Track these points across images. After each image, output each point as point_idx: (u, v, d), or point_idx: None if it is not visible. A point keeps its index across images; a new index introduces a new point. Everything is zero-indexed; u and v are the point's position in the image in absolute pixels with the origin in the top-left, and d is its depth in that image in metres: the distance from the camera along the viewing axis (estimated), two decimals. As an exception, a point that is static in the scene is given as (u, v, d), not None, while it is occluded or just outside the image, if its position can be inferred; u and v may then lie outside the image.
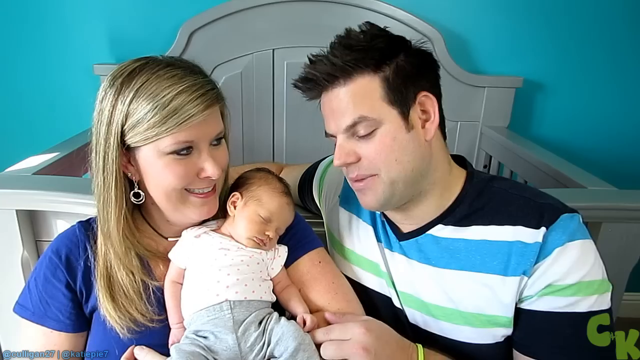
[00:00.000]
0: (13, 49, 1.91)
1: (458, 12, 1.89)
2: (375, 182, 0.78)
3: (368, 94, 0.75)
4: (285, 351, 0.70)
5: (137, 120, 0.69)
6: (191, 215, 0.78)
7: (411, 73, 0.77)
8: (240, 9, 1.84)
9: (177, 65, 0.72)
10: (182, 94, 0.69)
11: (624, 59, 1.93)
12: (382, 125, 0.76)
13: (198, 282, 0.76)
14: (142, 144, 0.71)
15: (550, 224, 0.75)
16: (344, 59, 0.74)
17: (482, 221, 0.80)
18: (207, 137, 0.73)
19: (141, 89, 0.69)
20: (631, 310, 1.85)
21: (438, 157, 0.82)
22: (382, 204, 0.81)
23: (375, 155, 0.76)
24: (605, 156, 2.03)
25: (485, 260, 0.79)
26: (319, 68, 0.77)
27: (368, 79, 0.75)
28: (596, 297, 0.74)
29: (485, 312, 0.79)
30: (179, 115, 0.68)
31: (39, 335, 0.78)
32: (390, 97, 0.75)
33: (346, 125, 0.76)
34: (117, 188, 0.73)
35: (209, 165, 0.73)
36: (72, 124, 1.80)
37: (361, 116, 0.75)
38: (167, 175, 0.73)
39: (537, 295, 0.76)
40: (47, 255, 0.80)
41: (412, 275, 0.85)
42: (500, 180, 0.85)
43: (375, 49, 0.75)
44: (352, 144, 0.78)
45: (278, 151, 2.03)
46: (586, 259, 0.74)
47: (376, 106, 0.75)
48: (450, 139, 1.97)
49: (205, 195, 0.76)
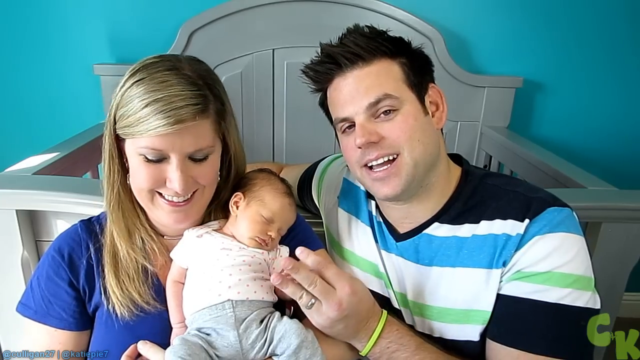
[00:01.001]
0: (13, 48, 1.91)
1: (458, 12, 1.90)
2: (399, 165, 0.78)
3: (391, 75, 0.79)
4: (287, 348, 0.70)
5: (121, 114, 0.72)
6: (162, 218, 0.78)
7: (422, 65, 0.83)
8: (240, 9, 1.84)
9: (177, 72, 0.71)
10: (158, 102, 0.68)
11: (624, 59, 1.93)
12: (403, 106, 0.78)
13: (200, 282, 0.76)
14: (126, 137, 0.73)
15: (535, 216, 0.75)
16: (366, 42, 0.78)
17: (475, 218, 0.80)
18: (180, 151, 0.71)
19: (135, 84, 0.71)
20: (631, 310, 1.85)
21: (442, 151, 0.84)
22: (403, 189, 0.79)
23: (400, 133, 0.77)
24: (605, 156, 2.03)
25: (473, 255, 0.79)
26: (340, 48, 0.79)
27: (387, 63, 0.79)
28: (570, 291, 0.72)
29: (474, 308, 0.79)
30: (148, 122, 0.68)
31: (42, 334, 0.79)
32: (411, 80, 0.79)
33: (369, 102, 0.77)
34: (109, 164, 0.76)
35: (174, 179, 0.72)
36: (72, 124, 1.82)
37: (386, 94, 0.77)
38: (137, 173, 0.74)
39: (505, 280, 0.76)
40: (50, 254, 0.80)
41: (407, 276, 0.85)
42: (495, 177, 0.86)
43: (388, 40, 0.80)
44: (373, 125, 0.78)
45: (278, 151, 2.03)
46: (566, 251, 0.73)
47: (398, 87, 0.78)
48: (450, 139, 1.98)
49: (174, 204, 0.76)
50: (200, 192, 0.77)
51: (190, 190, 0.75)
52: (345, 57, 0.78)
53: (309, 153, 1.34)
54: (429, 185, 0.82)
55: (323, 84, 0.84)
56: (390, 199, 0.82)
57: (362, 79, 0.78)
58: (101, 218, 0.85)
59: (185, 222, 0.79)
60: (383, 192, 0.80)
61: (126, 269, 0.78)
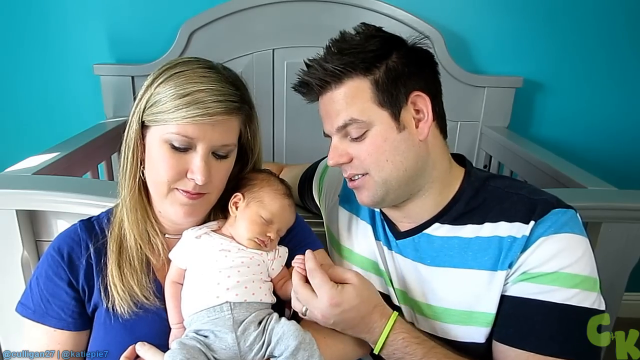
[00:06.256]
0: (13, 49, 1.91)
1: (458, 12, 1.90)
2: (368, 182, 0.80)
3: (358, 97, 0.77)
4: (285, 350, 0.70)
5: (155, 100, 0.74)
6: (171, 212, 0.79)
7: (402, 73, 0.78)
8: (240, 9, 1.84)
9: (217, 71, 0.76)
10: (202, 92, 0.72)
11: (624, 59, 1.93)
12: (372, 127, 0.77)
13: (198, 284, 0.76)
14: (152, 125, 0.75)
15: (540, 218, 0.75)
16: (334, 63, 0.77)
17: (477, 219, 0.80)
18: (208, 142, 0.74)
19: (174, 76, 0.74)
20: (631, 310, 1.85)
21: (436, 156, 0.82)
22: (377, 202, 0.82)
23: (366, 156, 0.78)
24: (605, 156, 2.03)
25: (477, 256, 0.79)
26: (311, 74, 0.80)
27: (358, 82, 0.77)
28: (577, 292, 0.72)
29: (476, 310, 0.79)
30: (188, 109, 0.71)
31: (40, 334, 0.78)
32: (380, 98, 0.77)
33: (337, 126, 0.79)
34: (132, 158, 0.77)
35: (197, 169, 0.73)
36: (72, 124, 1.82)
37: (351, 118, 0.77)
38: (159, 163, 0.74)
39: (512, 282, 0.76)
40: (49, 253, 0.80)
41: (407, 274, 0.85)
42: (498, 179, 0.86)
43: (366, 51, 0.77)
44: (346, 145, 0.80)
45: (278, 151, 2.03)
46: (571, 252, 0.74)
47: (366, 108, 0.77)
48: (450, 139, 1.97)
49: (190, 195, 0.76)
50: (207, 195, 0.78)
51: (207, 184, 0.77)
52: (317, 84, 0.79)
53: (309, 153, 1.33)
54: (422, 190, 0.82)
55: (312, 100, 0.85)
56: (370, 207, 0.84)
57: (333, 101, 0.79)
58: (101, 218, 0.85)
59: (192, 217, 0.80)
60: (360, 200, 0.84)
61: (130, 259, 0.79)
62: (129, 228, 0.79)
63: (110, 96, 1.90)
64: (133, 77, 1.88)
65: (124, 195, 0.79)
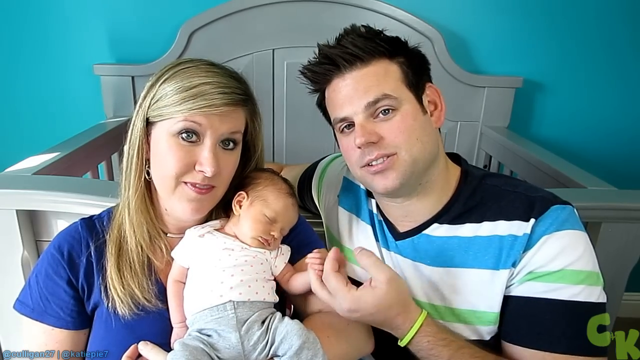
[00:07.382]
0: (13, 49, 1.91)
1: (458, 12, 1.90)
2: (396, 161, 0.79)
3: (389, 75, 0.79)
4: (289, 349, 0.70)
5: (161, 96, 0.74)
6: (178, 209, 0.78)
7: (420, 64, 0.83)
8: (240, 9, 1.84)
9: (220, 67, 0.77)
10: (207, 84, 0.73)
11: (624, 59, 1.94)
12: (402, 106, 0.78)
13: (201, 283, 0.76)
14: (157, 120, 0.75)
15: (540, 215, 0.76)
16: (364, 42, 0.78)
17: (476, 218, 0.81)
18: (216, 132, 0.74)
19: (179, 72, 0.75)
20: (631, 310, 1.85)
21: (441, 150, 0.85)
22: (402, 182, 0.79)
23: (398, 134, 0.78)
24: (605, 156, 2.03)
25: (477, 255, 0.79)
26: (338, 49, 0.79)
27: (385, 64, 0.80)
28: (583, 287, 0.73)
29: (479, 309, 0.79)
30: (195, 100, 0.72)
31: (39, 332, 0.78)
32: (409, 79, 0.80)
33: (368, 102, 0.78)
34: (137, 157, 0.77)
35: (205, 160, 0.73)
36: (72, 124, 1.81)
37: (385, 94, 0.77)
38: (167, 158, 0.74)
39: (518, 282, 0.76)
40: (49, 251, 0.80)
41: (407, 274, 0.86)
42: (494, 177, 0.86)
43: (386, 41, 0.80)
44: (372, 125, 0.79)
45: (278, 151, 2.03)
46: (574, 248, 0.74)
47: (397, 87, 0.79)
48: (450, 139, 1.99)
49: (198, 190, 0.76)
50: (214, 190, 0.78)
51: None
52: (344, 59, 0.78)
53: (309, 153, 1.33)
54: (428, 183, 0.83)
55: (321, 84, 0.84)
56: (390, 193, 0.82)
57: (360, 79, 0.78)
58: (102, 216, 0.85)
59: (199, 214, 0.79)
60: (382, 184, 0.80)
61: (130, 261, 0.78)
62: (131, 229, 0.78)
63: (110, 96, 1.90)
64: (133, 77, 1.88)
65: (127, 196, 0.79)
